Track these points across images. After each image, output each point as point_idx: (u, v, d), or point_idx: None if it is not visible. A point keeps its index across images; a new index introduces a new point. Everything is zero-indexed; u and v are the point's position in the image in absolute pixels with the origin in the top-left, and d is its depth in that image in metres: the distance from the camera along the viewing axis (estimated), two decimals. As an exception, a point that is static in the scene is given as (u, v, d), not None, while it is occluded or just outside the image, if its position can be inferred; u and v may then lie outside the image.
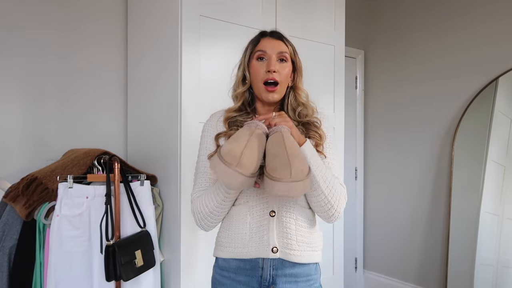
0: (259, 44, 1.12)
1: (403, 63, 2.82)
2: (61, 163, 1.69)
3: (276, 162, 0.92)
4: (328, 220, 1.06)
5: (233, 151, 0.91)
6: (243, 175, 0.90)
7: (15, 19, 1.85)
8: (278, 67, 1.09)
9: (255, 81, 1.11)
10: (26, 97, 1.89)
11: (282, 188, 0.89)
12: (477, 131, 2.35)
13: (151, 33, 1.94)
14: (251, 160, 0.91)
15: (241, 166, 0.89)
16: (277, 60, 1.10)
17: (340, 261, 2.33)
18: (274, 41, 1.12)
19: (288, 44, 1.14)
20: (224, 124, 1.14)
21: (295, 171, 0.89)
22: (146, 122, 2.00)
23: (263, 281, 1.05)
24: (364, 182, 3.10)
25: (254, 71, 1.11)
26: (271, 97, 1.09)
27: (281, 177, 0.89)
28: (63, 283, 1.54)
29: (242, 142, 0.93)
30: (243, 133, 0.96)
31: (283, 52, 1.11)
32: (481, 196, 2.29)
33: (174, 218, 1.76)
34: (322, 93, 2.23)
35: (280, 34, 1.15)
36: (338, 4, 2.29)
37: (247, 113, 1.15)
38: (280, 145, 0.93)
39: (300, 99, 1.15)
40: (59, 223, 1.54)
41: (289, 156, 0.91)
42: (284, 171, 0.89)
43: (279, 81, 1.09)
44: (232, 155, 0.90)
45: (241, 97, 1.15)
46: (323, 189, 1.01)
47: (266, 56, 1.10)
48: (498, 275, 2.22)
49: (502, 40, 2.30)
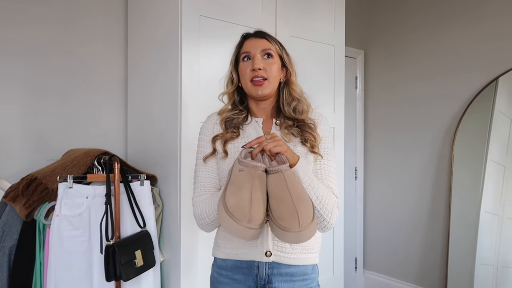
0: (243, 46, 1.15)
1: (403, 63, 2.82)
2: (61, 163, 1.68)
3: (282, 209, 0.92)
4: (321, 231, 1.07)
5: (241, 207, 0.90)
6: (254, 229, 0.90)
7: (15, 19, 1.85)
8: (263, 64, 1.10)
9: (244, 80, 1.13)
10: (26, 97, 1.89)
11: (292, 238, 0.91)
12: (477, 131, 2.35)
13: (151, 33, 1.94)
14: (259, 212, 0.91)
15: (252, 222, 0.89)
16: (263, 57, 1.11)
17: (340, 261, 2.33)
18: (256, 40, 1.13)
19: (271, 40, 1.15)
20: (221, 125, 1.15)
21: (303, 219, 0.90)
22: (146, 122, 2.00)
23: (259, 279, 1.07)
24: (364, 182, 3.09)
25: (242, 71, 1.13)
26: (260, 91, 1.10)
27: (290, 227, 0.90)
28: (63, 283, 1.54)
29: (246, 192, 0.91)
30: (244, 178, 0.94)
31: (266, 49, 1.12)
32: (481, 196, 2.29)
33: (174, 218, 1.76)
34: (322, 93, 2.23)
35: (262, 33, 1.16)
36: (338, 4, 2.29)
37: (240, 110, 1.16)
38: (283, 188, 0.93)
39: (294, 93, 1.16)
40: (59, 223, 1.54)
41: (294, 201, 0.91)
42: (292, 220, 0.90)
43: (267, 77, 1.10)
44: (241, 212, 0.90)
45: (231, 97, 1.18)
46: (315, 206, 1.01)
47: (251, 55, 1.12)
48: (498, 275, 2.22)
49: (502, 40, 2.30)
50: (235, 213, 0.90)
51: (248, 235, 0.90)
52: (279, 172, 0.95)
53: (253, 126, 1.16)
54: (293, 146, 1.10)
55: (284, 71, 1.17)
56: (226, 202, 0.93)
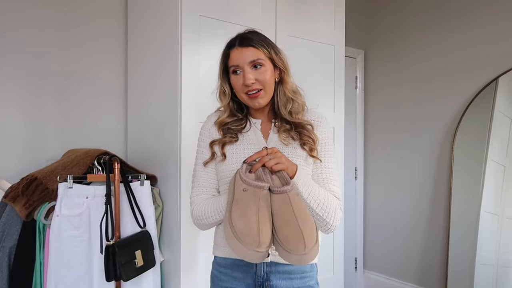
0: (230, 58, 1.10)
1: (403, 63, 2.82)
2: (61, 163, 1.68)
3: (288, 231, 0.92)
4: (325, 233, 1.08)
5: (250, 231, 0.90)
6: (262, 252, 0.91)
7: (15, 21, 1.85)
8: (254, 74, 1.06)
9: (239, 94, 1.11)
10: (26, 97, 1.89)
11: (296, 260, 0.92)
12: (477, 131, 2.35)
13: (151, 33, 1.94)
14: (267, 235, 0.92)
15: (261, 246, 0.90)
16: (251, 68, 1.07)
17: (340, 261, 2.33)
18: (243, 51, 1.07)
19: (258, 46, 1.07)
20: (218, 130, 1.14)
21: (308, 242, 0.91)
22: (146, 122, 2.00)
23: (258, 277, 1.07)
24: (364, 182, 3.09)
25: (234, 85, 1.10)
26: (257, 103, 1.09)
27: (296, 250, 0.91)
28: (63, 283, 1.54)
29: (253, 215, 0.92)
30: (249, 199, 0.94)
31: (255, 60, 1.06)
32: (481, 196, 2.29)
33: (174, 218, 1.76)
34: (322, 93, 2.23)
35: (247, 40, 1.08)
36: (338, 4, 2.28)
37: (240, 119, 1.15)
38: (288, 210, 0.94)
39: (288, 93, 1.13)
40: (59, 223, 1.54)
41: (299, 223, 0.92)
42: (298, 243, 0.91)
43: (261, 87, 1.08)
44: (250, 237, 0.90)
45: (227, 108, 1.15)
46: (317, 212, 1.02)
47: (239, 69, 1.08)
48: (498, 275, 2.22)
49: (502, 40, 2.30)
50: (244, 238, 0.90)
51: (257, 258, 0.91)
52: (283, 193, 0.96)
53: (252, 129, 1.15)
54: (293, 149, 1.10)
55: (278, 70, 1.13)
56: (234, 225, 0.92)
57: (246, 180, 0.96)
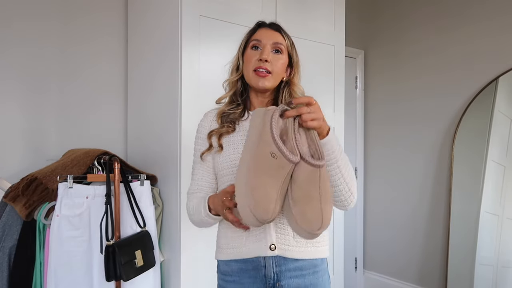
0: (256, 33, 1.11)
1: (403, 63, 2.82)
2: (61, 163, 1.69)
3: (308, 207, 0.87)
4: (345, 208, 1.03)
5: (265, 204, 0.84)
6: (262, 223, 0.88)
7: (13, 16, 1.85)
8: (271, 57, 1.06)
9: (247, 68, 1.09)
10: (26, 97, 1.89)
11: (306, 235, 0.89)
12: (477, 131, 2.35)
13: (151, 33, 1.94)
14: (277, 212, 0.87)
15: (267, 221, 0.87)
16: (271, 51, 1.07)
17: (340, 261, 2.33)
18: (271, 32, 1.10)
19: (285, 36, 1.11)
20: (217, 120, 1.13)
21: (325, 223, 0.87)
22: (146, 122, 2.00)
23: (268, 280, 1.02)
24: (364, 182, 3.09)
25: (247, 59, 1.09)
26: (261, 83, 1.06)
27: (311, 228, 0.86)
28: (63, 283, 1.54)
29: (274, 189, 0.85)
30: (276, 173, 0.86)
31: (278, 43, 1.08)
32: (481, 196, 2.29)
33: (174, 218, 1.76)
34: (322, 93, 2.23)
35: (278, 26, 1.13)
36: (338, 4, 2.29)
37: (237, 104, 1.13)
38: (315, 186, 0.87)
39: (295, 95, 1.13)
40: (59, 223, 1.54)
41: (322, 202, 0.87)
42: (315, 222, 0.86)
43: (271, 71, 1.06)
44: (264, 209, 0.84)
45: (233, 86, 1.13)
46: (345, 178, 0.98)
47: (261, 45, 1.07)
48: (498, 275, 2.22)
49: (502, 40, 2.30)
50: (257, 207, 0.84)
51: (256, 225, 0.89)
52: (316, 167, 0.87)
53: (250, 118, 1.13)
54: None
55: (288, 70, 1.14)
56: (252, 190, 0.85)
57: (279, 146, 0.85)
